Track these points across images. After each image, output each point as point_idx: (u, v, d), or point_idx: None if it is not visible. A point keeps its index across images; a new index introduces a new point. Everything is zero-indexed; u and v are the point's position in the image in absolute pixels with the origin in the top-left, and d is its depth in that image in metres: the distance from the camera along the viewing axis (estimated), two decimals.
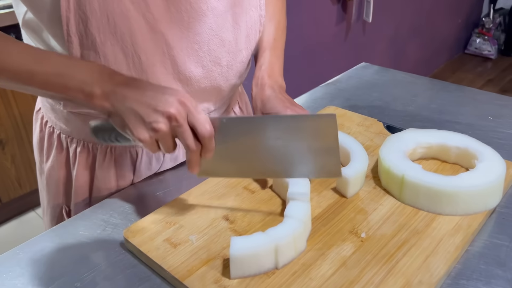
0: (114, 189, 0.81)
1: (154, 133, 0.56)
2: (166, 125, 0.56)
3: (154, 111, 0.55)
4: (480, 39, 3.84)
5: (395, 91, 1.11)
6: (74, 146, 0.79)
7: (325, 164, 0.63)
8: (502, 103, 1.03)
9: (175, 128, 0.56)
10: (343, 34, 2.48)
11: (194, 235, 0.65)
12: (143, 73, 0.68)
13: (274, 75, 0.77)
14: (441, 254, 0.60)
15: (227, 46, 0.75)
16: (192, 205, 0.71)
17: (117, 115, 0.57)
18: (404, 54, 3.14)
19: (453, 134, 0.77)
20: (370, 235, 0.63)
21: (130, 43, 0.65)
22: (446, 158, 0.78)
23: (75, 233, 0.69)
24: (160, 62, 0.69)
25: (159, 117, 0.55)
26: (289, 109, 0.70)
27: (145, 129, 0.56)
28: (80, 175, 0.80)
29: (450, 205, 0.66)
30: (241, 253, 0.56)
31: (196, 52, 0.71)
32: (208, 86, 0.76)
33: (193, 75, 0.73)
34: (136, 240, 0.64)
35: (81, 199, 0.81)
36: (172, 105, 0.55)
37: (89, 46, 0.64)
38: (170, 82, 0.71)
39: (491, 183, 0.66)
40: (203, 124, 0.57)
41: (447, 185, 0.66)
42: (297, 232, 0.59)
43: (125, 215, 0.73)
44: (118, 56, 0.66)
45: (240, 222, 0.67)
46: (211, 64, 0.74)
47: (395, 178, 0.69)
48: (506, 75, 3.55)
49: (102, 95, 0.57)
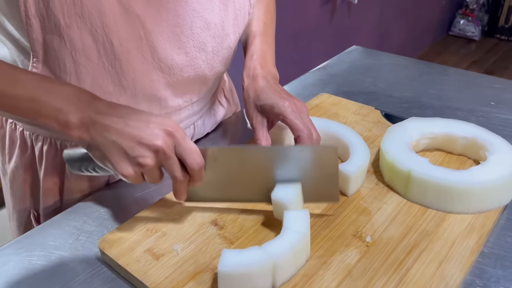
0: (87, 191, 0.73)
1: (140, 168, 0.52)
2: (152, 159, 0.51)
3: (139, 144, 0.51)
4: (464, 20, 3.80)
5: (390, 75, 1.04)
6: (40, 144, 0.70)
7: (323, 190, 0.60)
8: (502, 87, 0.98)
9: (162, 161, 0.52)
10: (328, 17, 2.40)
11: (179, 244, 0.57)
12: (116, 61, 0.60)
13: (266, 65, 0.71)
14: (456, 259, 0.54)
15: (212, 30, 0.67)
16: (176, 208, 0.63)
17: (97, 149, 0.52)
18: (390, 37, 3.08)
19: (460, 123, 0.71)
20: (375, 239, 0.57)
21: (100, 26, 0.57)
22: (451, 149, 0.72)
23: (44, 244, 0.61)
24: (136, 49, 0.60)
25: (145, 151, 0.51)
26: (287, 101, 0.64)
27: (130, 164, 0.51)
28: (48, 177, 0.71)
29: (462, 202, 0.60)
30: (232, 270, 0.48)
31: (177, 36, 0.63)
32: (192, 75, 0.68)
33: (175, 63, 0.65)
34: (113, 251, 0.57)
35: (50, 203, 0.73)
36: (158, 137, 0.51)
37: (52, 30, 0.56)
38: (150, 72, 0.63)
39: (506, 177, 0.60)
40: (192, 157, 0.53)
41: (459, 180, 0.60)
42: (297, 247, 0.51)
43: (101, 221, 0.65)
44: (87, 41, 0.57)
45: (230, 228, 0.60)
46: (195, 50, 0.66)
47: (401, 173, 0.63)
48: (490, 56, 3.53)
49: (80, 125, 0.52)
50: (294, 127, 0.62)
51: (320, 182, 0.59)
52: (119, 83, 0.62)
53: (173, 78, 0.66)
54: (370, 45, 2.91)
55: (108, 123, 0.51)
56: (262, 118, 0.66)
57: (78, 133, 0.52)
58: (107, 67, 0.60)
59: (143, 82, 0.64)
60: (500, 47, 3.70)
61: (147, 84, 0.64)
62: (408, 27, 3.25)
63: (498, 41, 3.78)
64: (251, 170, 0.59)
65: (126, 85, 0.63)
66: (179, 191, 0.56)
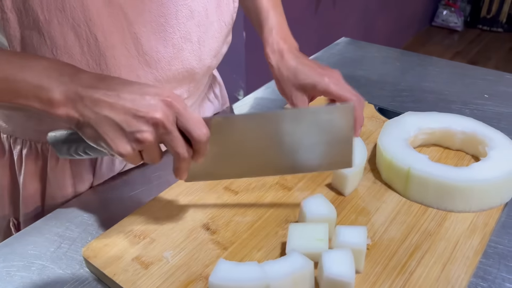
0: (70, 196, 0.68)
1: (138, 144, 0.46)
2: (151, 134, 0.46)
3: (136, 118, 0.45)
4: (447, 10, 3.81)
5: (381, 68, 1.02)
6: (19, 148, 0.66)
7: (338, 155, 0.56)
8: (494, 78, 0.96)
9: (163, 135, 0.46)
10: (313, 8, 2.37)
11: (169, 251, 0.54)
12: (101, 58, 0.56)
13: (288, 38, 0.72)
14: (460, 260, 0.52)
15: (196, 18, 0.63)
16: (164, 212, 0.60)
17: (88, 126, 0.46)
18: (375, 28, 3.07)
19: (458, 117, 0.69)
20: (376, 241, 0.55)
21: (83, 20, 0.53)
22: (449, 144, 0.69)
23: (23, 253, 0.57)
24: (121, 43, 0.56)
25: (142, 125, 0.45)
26: (325, 76, 0.64)
27: (127, 141, 0.46)
28: (28, 183, 0.67)
29: (463, 200, 0.58)
30: (223, 283, 0.45)
31: (162, 27, 0.59)
32: (180, 69, 0.64)
33: (162, 56, 0.61)
34: (99, 261, 0.53)
35: (31, 210, 0.69)
36: (157, 109, 0.45)
37: (31, 26, 0.52)
38: (135, 67, 0.59)
39: (508, 173, 0.58)
40: (198, 127, 0.47)
41: (460, 178, 0.57)
42: (299, 274, 0.46)
43: (84, 227, 0.61)
44: (69, 37, 0.53)
45: (223, 232, 0.56)
46: (181, 41, 0.62)
47: (400, 171, 0.60)
48: (473, 47, 3.55)
49: (66, 102, 0.46)
50: (343, 98, 0.63)
51: (335, 147, 0.56)
52: None
53: (160, 73, 0.62)
54: (356, 37, 2.89)
55: (98, 97, 0.45)
56: (303, 96, 0.66)
57: (65, 111, 0.46)
58: (91, 65, 0.56)
59: (130, 79, 0.59)
60: (482, 37, 3.72)
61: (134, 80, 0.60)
62: (392, 18, 3.24)
63: (481, 32, 3.80)
64: (259, 139, 0.54)
65: None
66: (182, 169, 0.50)
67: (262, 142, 0.54)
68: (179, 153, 0.48)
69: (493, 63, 3.28)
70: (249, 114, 0.56)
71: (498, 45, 3.58)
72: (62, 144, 0.52)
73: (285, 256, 0.48)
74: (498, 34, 3.75)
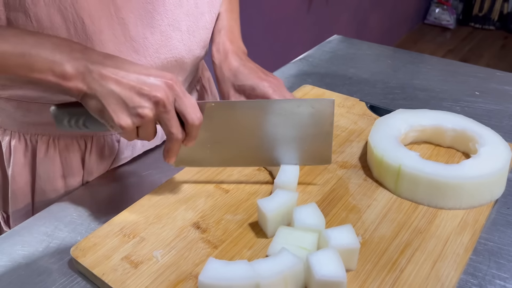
0: (62, 190, 0.68)
1: (138, 119, 0.49)
2: (152, 111, 0.49)
3: (139, 95, 0.49)
4: (439, 8, 3.83)
5: (373, 65, 1.01)
6: (8, 139, 0.65)
7: (317, 150, 0.61)
8: (485, 76, 0.97)
9: (161, 114, 0.50)
10: (306, 5, 2.37)
11: (159, 250, 0.53)
12: (88, 41, 0.56)
13: (235, 40, 0.72)
14: (450, 257, 0.52)
15: (185, 7, 0.63)
16: (154, 211, 0.59)
17: (94, 98, 0.49)
18: (367, 25, 3.07)
19: (449, 114, 0.69)
20: (367, 239, 0.54)
21: (70, 2, 0.53)
22: (440, 141, 0.69)
23: (12, 253, 0.57)
24: (108, 28, 0.57)
25: (144, 102, 0.49)
26: (265, 81, 0.64)
27: (128, 114, 0.49)
28: (18, 175, 0.66)
29: (454, 198, 0.58)
30: (213, 282, 0.44)
31: (150, 13, 0.60)
32: (169, 57, 0.64)
33: (150, 43, 0.61)
34: (88, 260, 0.52)
35: (21, 205, 0.68)
36: (159, 89, 0.49)
37: (16, 7, 0.52)
38: (124, 54, 0.59)
39: (498, 171, 0.58)
40: (194, 111, 0.51)
41: (451, 175, 0.57)
42: (289, 272, 0.46)
43: (74, 226, 0.60)
44: (55, 19, 0.53)
45: (214, 231, 0.56)
46: (170, 29, 0.63)
47: (390, 169, 0.60)
48: (465, 45, 3.57)
49: (76, 75, 0.49)
50: None
51: (315, 141, 0.60)
52: None
53: (149, 60, 0.62)
54: (348, 34, 2.89)
55: (105, 73, 0.48)
56: (240, 97, 0.66)
57: (75, 83, 0.49)
58: None
59: None
60: (474, 35, 3.74)
61: None
62: (385, 15, 3.25)
63: (473, 30, 3.82)
64: (247, 127, 0.58)
65: None
66: (172, 150, 0.53)
67: (248, 130, 0.58)
68: (173, 133, 0.51)
69: (485, 60, 3.30)
70: (239, 101, 0.59)
71: (490, 42, 3.60)
72: (63, 115, 0.54)
73: (275, 255, 0.47)
74: (490, 32, 3.78)
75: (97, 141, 0.67)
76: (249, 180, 0.64)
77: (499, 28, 3.78)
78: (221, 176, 0.65)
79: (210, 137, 0.57)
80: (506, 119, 0.81)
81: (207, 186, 0.63)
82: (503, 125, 0.79)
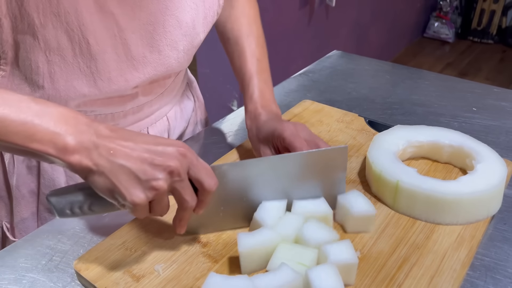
0: None
1: (153, 192, 0.46)
2: (166, 182, 0.47)
3: (152, 166, 0.46)
4: (438, 22, 3.86)
5: (372, 81, 1.03)
6: None
7: (330, 194, 0.60)
8: (482, 91, 0.98)
9: (175, 183, 0.47)
10: (307, 19, 2.40)
11: (160, 264, 0.54)
12: (92, 61, 0.58)
13: (267, 104, 0.70)
14: (447, 273, 0.53)
15: (184, 28, 0.65)
16: (156, 225, 0.60)
17: (102, 175, 0.46)
18: (367, 39, 3.10)
19: (446, 131, 0.70)
20: (365, 254, 0.55)
21: (77, 25, 0.55)
22: (437, 157, 0.71)
23: (15, 266, 0.57)
24: (111, 48, 0.59)
25: (159, 173, 0.46)
26: (285, 123, 0.63)
27: (141, 189, 0.46)
28: (21, 185, 0.68)
29: (451, 213, 0.59)
30: None
31: (150, 34, 0.62)
32: (163, 73, 0.67)
33: (148, 62, 0.63)
34: (91, 273, 0.53)
35: (26, 214, 0.70)
36: (172, 158, 0.47)
37: (25, 30, 0.54)
38: (124, 71, 0.61)
39: (494, 187, 0.59)
40: (210, 177, 0.49)
41: (448, 191, 0.58)
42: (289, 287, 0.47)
43: (76, 240, 0.61)
44: (62, 40, 0.55)
45: (214, 245, 0.57)
46: (168, 49, 0.65)
47: (389, 184, 0.61)
48: (464, 58, 3.60)
49: (80, 149, 0.45)
50: (291, 145, 0.60)
51: (328, 186, 0.60)
52: (94, 84, 0.60)
53: (147, 77, 0.64)
54: (348, 48, 2.91)
55: (114, 146, 0.46)
56: (268, 148, 0.65)
57: (78, 158, 0.45)
58: (82, 67, 0.58)
59: (118, 82, 0.62)
60: (473, 49, 3.77)
61: (121, 84, 0.62)
62: (384, 29, 3.28)
63: (471, 43, 3.86)
64: (259, 184, 0.57)
65: (101, 86, 0.60)
66: (184, 219, 0.51)
67: (260, 187, 0.57)
68: (187, 201, 0.49)
69: (483, 74, 3.32)
70: (250, 160, 0.57)
71: (488, 56, 3.63)
72: (64, 205, 0.50)
73: (275, 270, 0.48)
74: (488, 46, 3.81)
75: None
76: None
77: (498, 42, 3.82)
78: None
79: (222, 199, 0.56)
80: (503, 135, 0.82)
81: None
82: (500, 141, 0.80)
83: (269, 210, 0.57)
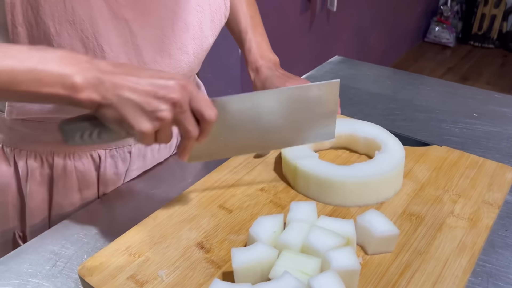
0: (78, 203, 0.71)
1: (158, 122, 0.49)
2: (170, 112, 0.50)
3: (156, 98, 0.49)
4: (439, 27, 3.87)
5: (373, 86, 1.04)
6: (24, 159, 0.67)
7: (322, 128, 0.65)
8: (483, 97, 0.99)
9: (178, 114, 0.50)
10: (308, 24, 2.40)
11: (163, 270, 0.55)
12: None
13: (265, 54, 0.78)
14: (449, 279, 0.53)
15: (191, 31, 0.67)
16: (159, 230, 0.61)
17: (110, 107, 0.49)
18: (368, 44, 3.11)
19: (363, 123, 0.76)
20: (367, 260, 0.56)
21: (91, 32, 0.56)
22: (356, 148, 0.76)
23: (19, 271, 0.58)
24: (124, 54, 0.60)
25: (162, 105, 0.49)
26: (288, 83, 0.70)
27: (148, 119, 0.49)
28: (35, 193, 0.69)
29: (339, 195, 0.64)
30: None
31: (160, 38, 0.63)
32: None
33: (160, 66, 0.64)
34: (94, 279, 0.54)
35: (38, 220, 0.71)
36: (174, 90, 0.49)
37: (41, 38, 0.55)
38: None
39: (382, 175, 0.64)
40: (209, 108, 0.52)
41: (335, 174, 0.64)
42: None
43: (80, 245, 0.62)
44: (77, 47, 0.57)
45: (217, 251, 0.57)
46: (178, 53, 0.66)
47: (290, 166, 0.67)
48: (465, 63, 3.60)
49: (87, 86, 0.48)
50: None
51: (320, 121, 0.65)
52: None
53: None
54: (349, 52, 2.92)
55: (118, 81, 0.48)
56: None
57: (87, 95, 0.48)
58: None
59: None
60: (474, 53, 3.78)
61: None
62: (385, 34, 3.29)
63: (472, 48, 3.86)
64: (257, 116, 0.61)
65: None
66: (188, 148, 0.54)
67: (258, 118, 0.61)
68: (190, 131, 0.52)
69: (484, 78, 3.33)
70: (245, 94, 0.59)
71: (489, 60, 3.63)
72: (74, 132, 0.52)
73: (277, 278, 0.48)
74: (489, 50, 3.81)
75: (111, 153, 0.70)
76: (252, 201, 0.66)
77: (499, 47, 3.82)
78: (224, 197, 0.66)
79: (219, 130, 0.58)
80: (504, 141, 0.82)
81: (211, 206, 0.65)
82: (501, 147, 0.80)
83: (265, 225, 0.56)
